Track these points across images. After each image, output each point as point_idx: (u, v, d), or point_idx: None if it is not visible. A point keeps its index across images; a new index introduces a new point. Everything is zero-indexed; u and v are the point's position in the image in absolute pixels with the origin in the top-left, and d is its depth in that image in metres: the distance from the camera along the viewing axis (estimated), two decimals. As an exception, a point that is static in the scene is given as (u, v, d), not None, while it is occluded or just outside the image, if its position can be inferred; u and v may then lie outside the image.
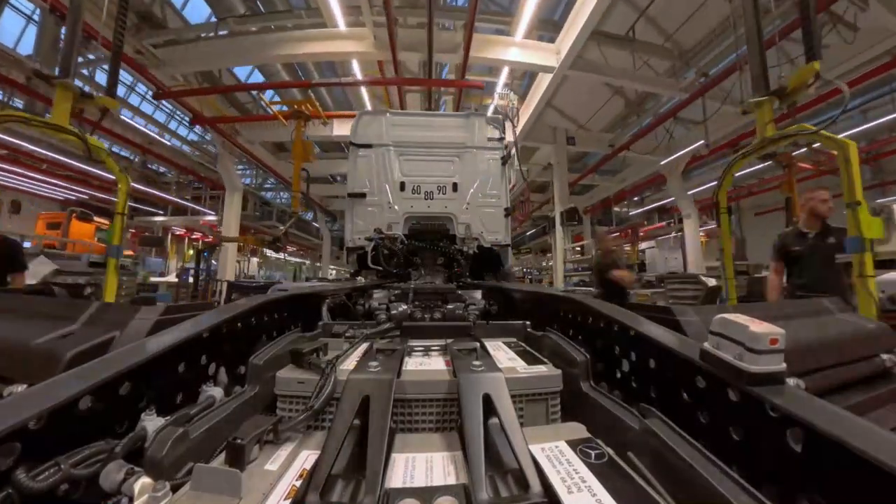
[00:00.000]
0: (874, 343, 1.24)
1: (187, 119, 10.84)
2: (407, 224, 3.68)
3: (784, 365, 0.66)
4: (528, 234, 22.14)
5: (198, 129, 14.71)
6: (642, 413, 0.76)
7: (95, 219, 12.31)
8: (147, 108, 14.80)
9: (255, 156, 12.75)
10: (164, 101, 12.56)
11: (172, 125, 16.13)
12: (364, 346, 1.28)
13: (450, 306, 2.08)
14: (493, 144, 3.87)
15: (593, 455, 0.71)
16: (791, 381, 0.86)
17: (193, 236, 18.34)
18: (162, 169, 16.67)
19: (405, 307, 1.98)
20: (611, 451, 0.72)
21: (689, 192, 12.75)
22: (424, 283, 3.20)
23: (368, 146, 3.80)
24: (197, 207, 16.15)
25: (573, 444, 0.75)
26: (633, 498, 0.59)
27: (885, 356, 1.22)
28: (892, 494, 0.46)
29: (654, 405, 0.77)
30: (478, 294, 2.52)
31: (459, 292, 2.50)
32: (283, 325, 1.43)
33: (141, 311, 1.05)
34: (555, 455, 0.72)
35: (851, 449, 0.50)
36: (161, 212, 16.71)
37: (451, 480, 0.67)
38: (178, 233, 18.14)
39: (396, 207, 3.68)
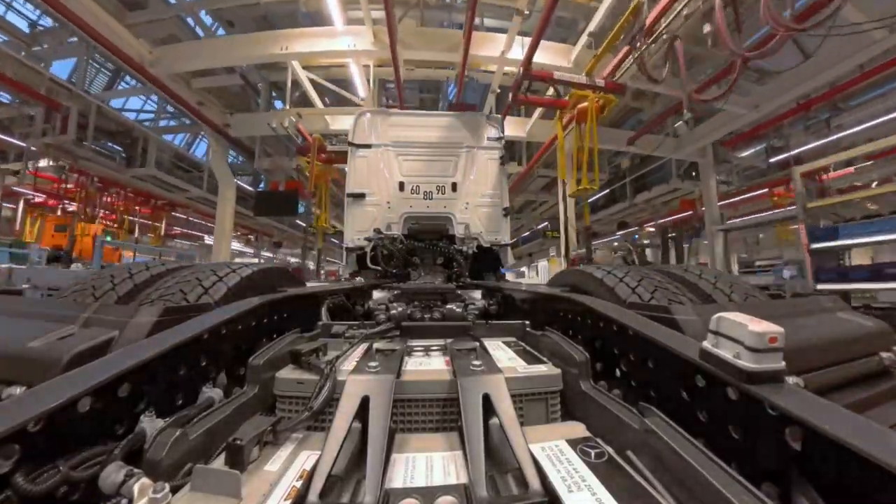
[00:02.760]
0: (873, 341, 1.24)
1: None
2: (406, 224, 3.68)
3: (783, 363, 0.65)
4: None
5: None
6: (642, 412, 0.76)
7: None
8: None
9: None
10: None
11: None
12: (363, 346, 1.28)
13: (449, 306, 2.08)
14: (493, 144, 3.88)
15: (593, 454, 0.71)
16: (790, 380, 0.86)
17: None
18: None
19: (404, 307, 1.98)
20: (611, 451, 0.72)
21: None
22: (424, 283, 3.20)
23: (367, 146, 3.80)
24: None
25: (573, 444, 0.75)
26: (632, 497, 0.59)
27: (884, 354, 1.23)
28: (891, 492, 0.46)
29: (654, 404, 0.77)
30: (477, 294, 2.52)
31: (459, 292, 2.50)
32: (282, 326, 1.43)
33: (140, 311, 1.05)
34: (555, 454, 0.72)
35: (850, 447, 0.50)
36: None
37: (452, 480, 0.67)
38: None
39: (395, 207, 3.68)
